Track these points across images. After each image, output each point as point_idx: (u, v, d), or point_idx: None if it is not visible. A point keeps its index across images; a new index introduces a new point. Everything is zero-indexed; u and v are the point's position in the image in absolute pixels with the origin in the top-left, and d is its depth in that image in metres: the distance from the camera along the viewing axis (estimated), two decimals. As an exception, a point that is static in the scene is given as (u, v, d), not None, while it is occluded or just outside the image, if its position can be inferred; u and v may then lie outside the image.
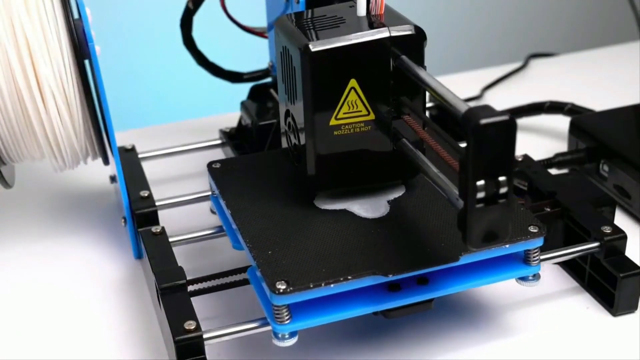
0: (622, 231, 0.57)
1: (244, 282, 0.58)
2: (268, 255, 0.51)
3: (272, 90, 0.74)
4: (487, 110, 0.42)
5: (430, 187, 0.58)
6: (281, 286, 0.48)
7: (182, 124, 0.87)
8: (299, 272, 0.49)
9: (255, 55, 0.76)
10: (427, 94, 0.52)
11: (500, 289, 0.60)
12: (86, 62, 0.59)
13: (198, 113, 0.90)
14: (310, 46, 0.51)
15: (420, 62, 0.53)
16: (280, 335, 0.50)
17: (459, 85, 0.76)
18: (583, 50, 1.06)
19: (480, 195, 0.43)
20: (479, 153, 0.42)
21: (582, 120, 0.75)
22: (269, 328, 0.51)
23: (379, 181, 0.56)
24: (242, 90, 0.75)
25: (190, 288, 0.56)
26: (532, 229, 0.53)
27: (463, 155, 0.43)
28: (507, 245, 0.52)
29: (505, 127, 0.42)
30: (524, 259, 0.53)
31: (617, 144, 0.70)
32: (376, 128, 0.54)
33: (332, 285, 0.49)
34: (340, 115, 0.53)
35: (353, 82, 0.52)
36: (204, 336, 0.50)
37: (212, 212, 0.62)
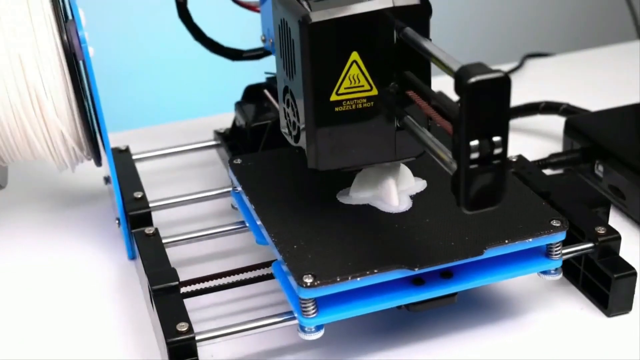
0: (616, 232, 0.57)
1: (238, 283, 0.57)
2: (294, 249, 0.51)
3: (266, 91, 0.73)
4: (480, 68, 0.41)
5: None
6: (308, 280, 0.48)
7: (177, 125, 0.87)
8: (325, 265, 0.50)
9: (251, 33, 0.74)
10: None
11: (494, 289, 0.60)
12: (79, 63, 0.59)
13: (192, 114, 0.90)
14: (310, 17, 0.49)
15: (426, 34, 0.50)
16: (306, 329, 0.50)
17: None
18: (579, 51, 1.06)
19: (474, 155, 0.42)
20: (472, 112, 0.41)
21: (577, 121, 0.75)
22: (262, 330, 0.51)
23: (381, 161, 0.54)
24: (237, 90, 0.75)
25: (183, 289, 0.55)
26: (555, 223, 0.53)
27: (456, 114, 0.42)
28: (530, 240, 0.52)
29: (499, 84, 0.41)
30: (546, 252, 0.54)
31: (612, 144, 0.70)
32: (379, 104, 0.51)
33: (358, 279, 0.49)
34: (342, 90, 0.51)
35: (355, 55, 0.50)
36: (197, 338, 0.50)
37: (234, 207, 0.62)
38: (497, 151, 0.42)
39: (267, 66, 0.75)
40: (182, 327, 0.50)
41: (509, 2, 1.40)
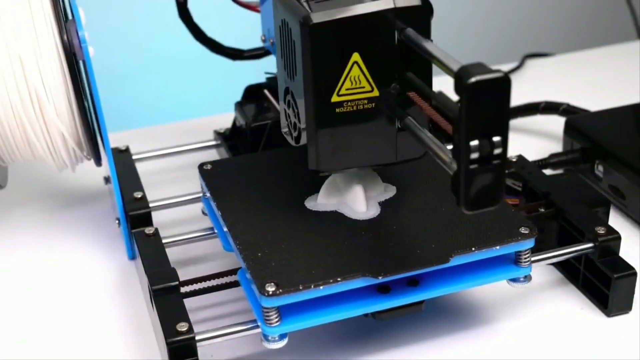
0: (616, 232, 0.57)
1: (237, 283, 0.57)
2: (258, 257, 0.51)
3: (266, 91, 0.73)
4: (480, 68, 0.41)
5: (422, 188, 0.58)
6: (270, 288, 0.48)
7: (177, 125, 0.87)
8: (289, 274, 0.49)
9: (251, 33, 0.74)
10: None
11: (493, 290, 0.60)
12: (80, 62, 0.59)
13: (192, 114, 0.90)
14: (311, 18, 0.48)
15: (427, 35, 0.50)
16: (270, 338, 0.50)
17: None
18: (579, 51, 1.06)
19: (474, 155, 0.42)
20: (472, 111, 0.41)
21: (577, 121, 0.75)
22: (259, 330, 0.51)
23: (382, 162, 0.54)
24: (237, 90, 0.75)
25: (183, 289, 0.55)
26: (523, 230, 0.52)
27: (456, 114, 0.42)
28: (498, 247, 0.52)
29: (499, 84, 0.41)
30: (515, 260, 0.53)
31: (612, 144, 0.70)
32: (380, 105, 0.51)
33: (321, 287, 0.49)
34: (343, 91, 0.50)
35: (356, 56, 0.50)
36: (197, 338, 0.50)
37: (204, 213, 0.62)
38: (497, 151, 0.42)
39: (267, 66, 0.75)
40: (182, 327, 0.50)
41: (509, 2, 1.40)
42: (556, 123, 0.80)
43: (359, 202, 0.55)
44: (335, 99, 0.50)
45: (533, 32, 1.42)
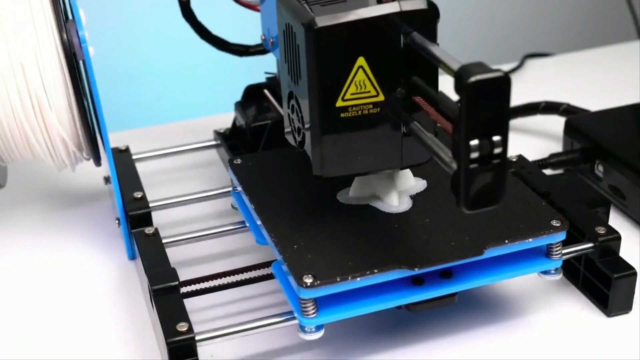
0: (616, 232, 0.57)
1: (238, 283, 0.57)
2: (294, 249, 0.51)
3: (266, 91, 0.73)
4: (480, 67, 0.41)
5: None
6: (308, 280, 0.48)
7: (177, 125, 0.87)
8: (325, 266, 0.50)
9: (252, 32, 0.74)
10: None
11: (493, 290, 0.60)
12: (80, 62, 0.59)
13: (192, 114, 0.90)
14: (316, 21, 0.48)
15: (433, 39, 0.49)
16: (306, 329, 0.50)
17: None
18: (579, 51, 1.06)
19: (474, 155, 0.42)
20: (472, 111, 0.41)
21: (577, 121, 0.75)
22: (262, 330, 0.51)
23: (388, 167, 0.53)
24: (237, 90, 0.75)
25: (183, 289, 0.56)
26: (555, 223, 0.53)
27: (456, 114, 0.42)
28: (531, 240, 0.52)
29: (499, 83, 0.41)
30: (546, 252, 0.54)
31: (612, 144, 0.70)
32: (386, 110, 0.51)
33: (358, 279, 0.49)
34: (348, 96, 0.50)
35: (361, 61, 0.49)
36: (197, 338, 0.50)
37: (234, 207, 0.62)
38: (497, 150, 0.42)
39: (268, 66, 0.75)
40: (182, 327, 0.50)
41: (509, 2, 1.40)
42: (556, 123, 0.80)
43: (391, 195, 0.55)
44: (340, 103, 0.50)
45: (533, 32, 1.42)
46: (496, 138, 0.42)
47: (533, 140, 0.81)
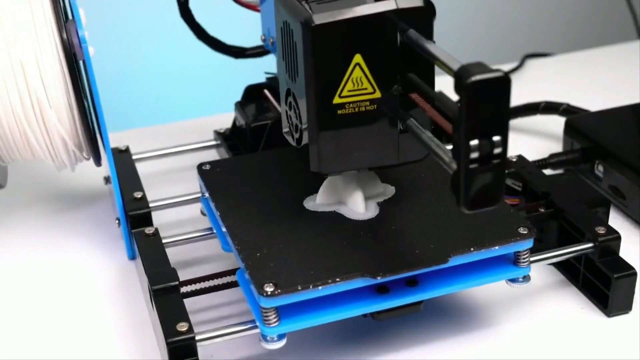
0: (616, 232, 0.57)
1: (237, 283, 0.57)
2: (256, 257, 0.51)
3: (266, 91, 0.73)
4: (480, 67, 0.41)
5: (420, 189, 0.58)
6: (269, 288, 0.48)
7: (177, 125, 0.87)
8: (287, 274, 0.49)
9: (251, 33, 0.74)
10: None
11: (493, 290, 0.60)
12: (80, 62, 0.59)
13: (192, 114, 0.90)
14: (313, 19, 0.48)
15: (430, 36, 0.49)
16: (268, 338, 0.50)
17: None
18: (579, 51, 1.06)
19: (474, 155, 0.42)
20: (472, 111, 0.41)
21: (577, 121, 0.75)
22: (258, 330, 0.51)
23: (384, 164, 0.53)
24: (237, 90, 0.75)
25: (183, 289, 0.55)
26: (522, 231, 0.52)
27: (455, 114, 0.42)
28: (497, 247, 0.52)
29: (499, 83, 0.41)
30: (514, 260, 0.53)
31: (612, 144, 0.70)
32: (382, 107, 0.51)
33: (320, 287, 0.49)
34: (345, 93, 0.50)
35: (358, 58, 0.49)
36: (197, 337, 0.50)
37: (203, 213, 0.62)
38: (497, 151, 0.42)
39: (267, 66, 0.75)
40: (182, 327, 0.50)
41: (509, 2, 1.40)
42: (556, 123, 0.80)
43: (357, 202, 0.55)
44: (337, 100, 0.50)
45: (533, 32, 1.42)
46: (496, 138, 0.42)
47: (533, 140, 0.81)
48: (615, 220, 0.67)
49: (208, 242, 0.63)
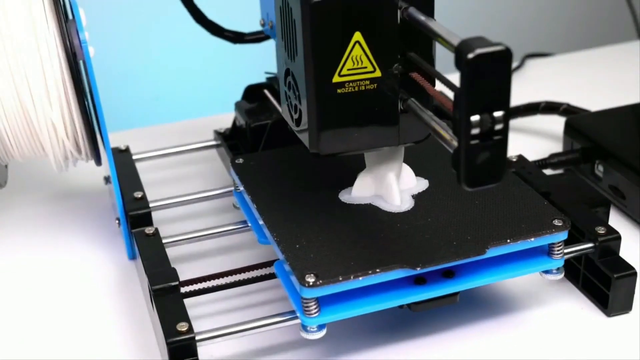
0: (616, 232, 0.57)
1: (238, 283, 0.57)
2: (296, 249, 0.51)
3: (266, 91, 0.73)
4: (481, 41, 0.40)
5: (454, 181, 0.58)
6: (310, 279, 0.48)
7: (177, 125, 0.87)
8: (327, 265, 0.50)
9: (250, 18, 0.74)
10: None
11: (493, 289, 0.60)
12: (80, 62, 0.59)
13: (192, 114, 0.90)
14: None
15: (430, 14, 0.49)
16: (309, 328, 0.50)
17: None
18: (579, 51, 1.06)
19: (475, 131, 0.41)
20: (472, 86, 0.40)
21: (577, 121, 0.75)
22: (264, 330, 0.51)
23: (385, 145, 0.53)
24: (237, 90, 0.75)
25: (183, 289, 0.55)
26: (557, 223, 0.53)
27: (457, 89, 0.41)
28: (532, 239, 0.52)
29: (500, 57, 0.40)
30: (548, 252, 0.54)
31: (612, 144, 0.70)
32: (383, 86, 0.50)
33: (360, 278, 0.49)
34: (344, 71, 0.49)
35: (358, 36, 0.49)
36: (197, 338, 0.50)
37: (235, 207, 0.62)
38: (499, 127, 0.41)
39: (267, 66, 0.75)
40: (182, 327, 0.50)
41: (509, 2, 1.40)
42: (556, 123, 0.80)
43: (393, 195, 0.55)
44: (336, 79, 0.50)
45: (533, 32, 1.42)
46: (497, 114, 0.41)
47: (533, 140, 0.81)
48: (615, 220, 0.67)
49: (208, 241, 0.63)
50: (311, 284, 0.48)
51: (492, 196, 0.56)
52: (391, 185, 0.55)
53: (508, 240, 0.52)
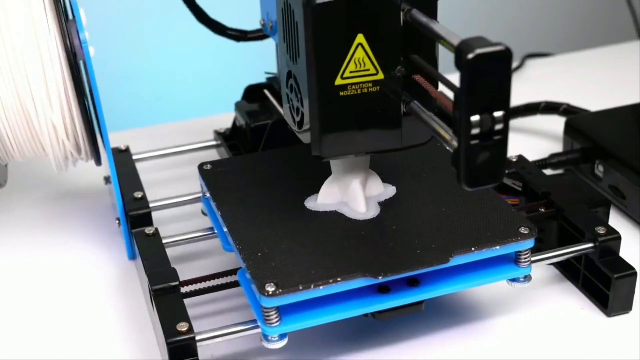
0: (616, 232, 0.57)
1: (237, 283, 0.57)
2: (257, 257, 0.51)
3: (266, 91, 0.73)
4: (481, 41, 0.40)
5: (421, 188, 0.58)
6: (270, 288, 0.48)
7: (177, 125, 0.87)
8: (288, 274, 0.49)
9: (250, 18, 0.73)
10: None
11: (493, 290, 0.60)
12: (80, 62, 0.59)
13: (192, 114, 0.90)
14: None
15: (434, 16, 0.48)
16: (270, 337, 0.50)
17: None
18: (579, 51, 1.06)
19: (475, 131, 0.41)
20: (473, 86, 0.40)
21: (577, 121, 0.75)
22: (259, 330, 0.51)
23: (387, 148, 0.52)
24: (237, 90, 0.75)
25: (183, 289, 0.55)
26: (523, 230, 0.52)
27: (457, 89, 0.41)
28: (498, 247, 0.51)
29: (500, 57, 0.40)
30: (515, 260, 0.53)
31: (612, 144, 0.70)
32: (385, 88, 0.50)
33: (321, 287, 0.49)
34: (347, 74, 0.49)
35: (360, 38, 0.48)
36: (197, 338, 0.50)
37: (204, 213, 0.62)
38: (498, 126, 0.41)
39: (268, 66, 0.75)
40: (182, 327, 0.50)
41: (509, 2, 1.40)
42: (556, 123, 0.80)
43: (358, 202, 0.55)
44: (339, 81, 0.49)
45: (533, 32, 1.42)
46: (497, 114, 0.41)
47: (533, 140, 0.81)
48: (615, 220, 0.67)
49: (208, 241, 0.63)
50: (270, 293, 0.48)
51: (460, 203, 0.55)
52: (356, 192, 0.55)
53: (472, 249, 0.51)
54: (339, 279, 0.49)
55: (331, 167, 0.56)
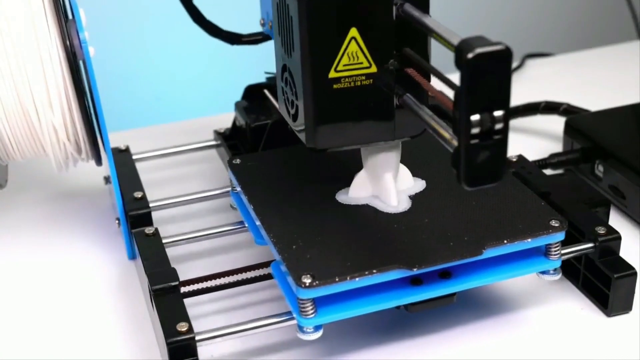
0: (616, 232, 0.57)
1: (238, 283, 0.57)
2: (292, 249, 0.51)
3: (266, 91, 0.73)
4: (481, 40, 0.40)
5: (451, 182, 0.58)
6: (307, 280, 0.48)
7: (177, 125, 0.87)
8: (324, 266, 0.50)
9: (249, 19, 0.73)
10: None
11: (493, 290, 0.60)
12: (80, 62, 0.59)
13: (192, 114, 0.90)
14: None
15: (425, 10, 0.49)
16: (305, 329, 0.50)
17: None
18: (579, 51, 1.06)
19: (475, 130, 0.41)
20: (473, 85, 0.41)
21: (577, 121, 0.75)
22: (262, 330, 0.51)
23: (380, 140, 0.53)
24: (237, 90, 0.75)
25: (183, 289, 0.56)
26: (554, 223, 0.53)
27: (457, 89, 0.41)
28: (529, 240, 0.52)
29: (501, 56, 0.40)
30: (545, 252, 0.54)
31: (612, 144, 0.70)
32: (378, 81, 0.51)
33: (357, 279, 0.49)
34: (340, 67, 0.50)
35: (353, 32, 0.49)
36: (197, 338, 0.50)
37: (233, 207, 0.62)
38: (499, 126, 0.42)
39: (267, 66, 0.75)
40: (182, 327, 0.50)
41: (509, 2, 1.40)
42: (556, 123, 0.80)
43: (390, 195, 0.55)
44: (332, 74, 0.50)
45: (533, 32, 1.42)
46: (497, 113, 0.41)
47: (533, 140, 0.81)
48: (615, 220, 0.67)
49: (208, 241, 0.63)
50: (307, 284, 0.48)
51: (490, 197, 0.56)
52: (388, 186, 0.55)
53: (505, 241, 0.52)
54: (374, 271, 0.49)
55: (362, 162, 0.56)
